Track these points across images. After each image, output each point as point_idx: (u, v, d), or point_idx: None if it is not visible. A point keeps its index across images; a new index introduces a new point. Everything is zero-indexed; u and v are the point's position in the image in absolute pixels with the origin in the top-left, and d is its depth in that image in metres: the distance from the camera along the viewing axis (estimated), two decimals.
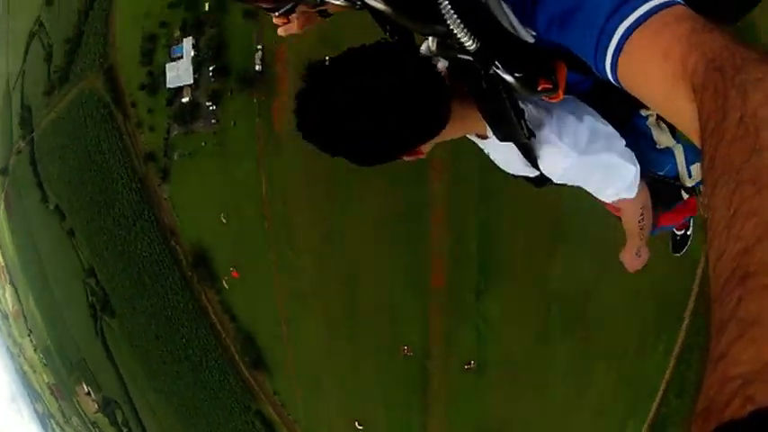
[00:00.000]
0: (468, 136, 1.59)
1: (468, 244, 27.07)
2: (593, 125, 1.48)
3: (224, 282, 39.46)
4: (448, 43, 1.11)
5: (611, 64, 0.92)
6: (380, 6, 1.01)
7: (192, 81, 41.46)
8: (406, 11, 1.02)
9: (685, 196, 2.01)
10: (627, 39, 0.87)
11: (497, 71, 1.17)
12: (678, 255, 3.05)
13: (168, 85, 42.98)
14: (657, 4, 0.85)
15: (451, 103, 1.35)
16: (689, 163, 1.82)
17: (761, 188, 0.51)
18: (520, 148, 1.49)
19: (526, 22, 1.14)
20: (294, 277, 34.23)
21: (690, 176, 1.83)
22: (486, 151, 1.70)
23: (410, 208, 28.51)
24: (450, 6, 1.01)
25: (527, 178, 1.70)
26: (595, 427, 23.44)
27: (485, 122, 1.44)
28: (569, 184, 1.57)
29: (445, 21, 1.02)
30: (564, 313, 24.10)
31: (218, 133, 39.24)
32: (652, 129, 1.75)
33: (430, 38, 1.19)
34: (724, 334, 0.43)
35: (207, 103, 40.20)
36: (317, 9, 1.40)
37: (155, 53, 44.36)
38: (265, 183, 35.39)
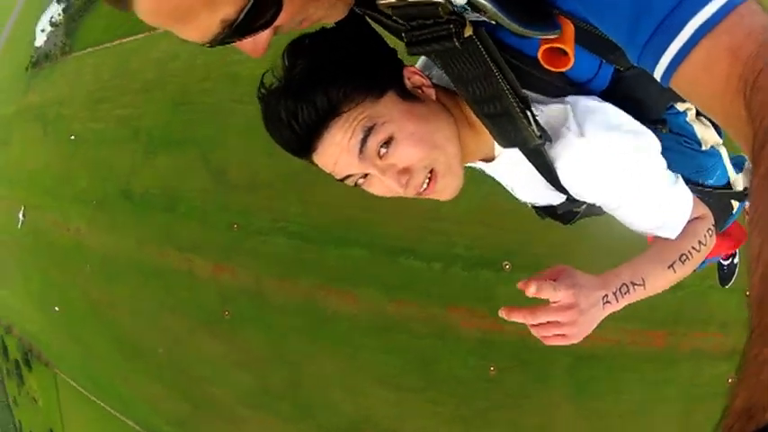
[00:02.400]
0: (475, 166, 1.30)
1: None
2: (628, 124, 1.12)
3: None
4: None
5: (671, 62, 0.70)
6: None
7: None
8: None
9: (736, 205, 1.72)
10: (701, 36, 0.68)
11: (468, 15, 0.83)
12: (726, 287, 3.06)
13: None
14: None
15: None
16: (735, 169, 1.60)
17: None
18: (534, 161, 1.16)
19: None
20: None
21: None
22: (500, 181, 1.37)
23: None
24: None
25: (554, 214, 1.37)
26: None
27: (487, 133, 1.12)
28: (605, 202, 1.19)
29: None
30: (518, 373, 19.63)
31: None
32: (694, 125, 1.47)
33: None
34: None
35: None
36: None
37: None
38: None
